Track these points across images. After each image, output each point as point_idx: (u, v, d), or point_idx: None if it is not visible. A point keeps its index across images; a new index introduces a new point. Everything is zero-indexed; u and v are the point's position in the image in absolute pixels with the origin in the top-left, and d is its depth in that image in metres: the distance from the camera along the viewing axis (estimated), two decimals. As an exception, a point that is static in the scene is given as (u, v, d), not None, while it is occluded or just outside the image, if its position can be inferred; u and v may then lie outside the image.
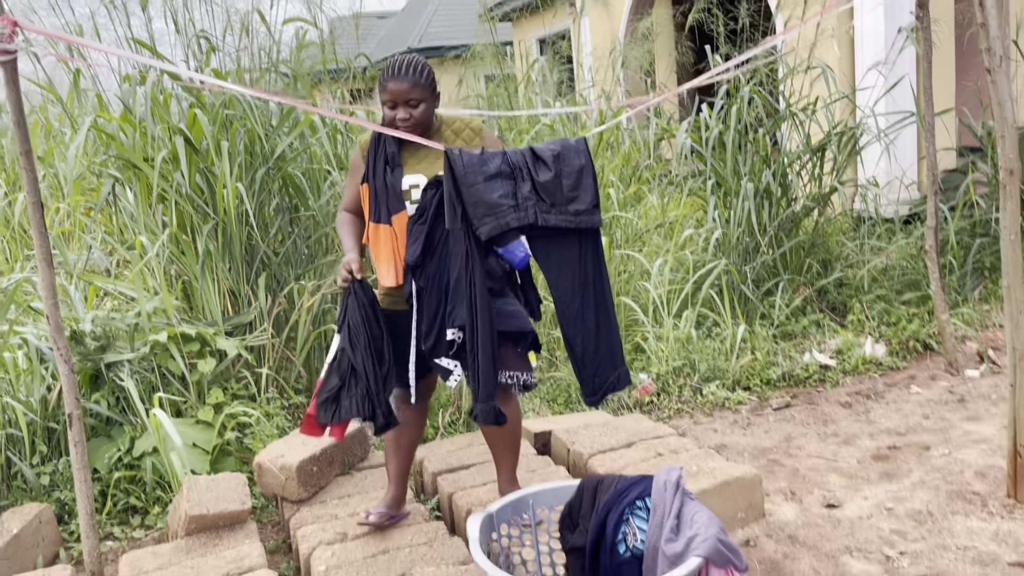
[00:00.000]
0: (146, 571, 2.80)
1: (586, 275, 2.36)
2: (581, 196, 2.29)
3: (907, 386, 4.40)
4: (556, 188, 2.28)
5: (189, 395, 3.67)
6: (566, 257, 2.35)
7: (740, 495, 3.05)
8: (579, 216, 2.30)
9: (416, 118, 2.62)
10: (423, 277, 2.55)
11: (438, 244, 2.53)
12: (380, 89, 2.65)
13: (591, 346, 2.40)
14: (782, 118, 5.43)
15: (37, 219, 2.83)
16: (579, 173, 2.30)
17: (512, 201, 2.26)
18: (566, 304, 2.37)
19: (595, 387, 2.43)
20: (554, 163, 2.29)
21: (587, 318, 2.38)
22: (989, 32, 2.78)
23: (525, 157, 2.29)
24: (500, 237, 2.28)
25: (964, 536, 2.87)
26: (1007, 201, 2.84)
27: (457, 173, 2.26)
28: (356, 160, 2.81)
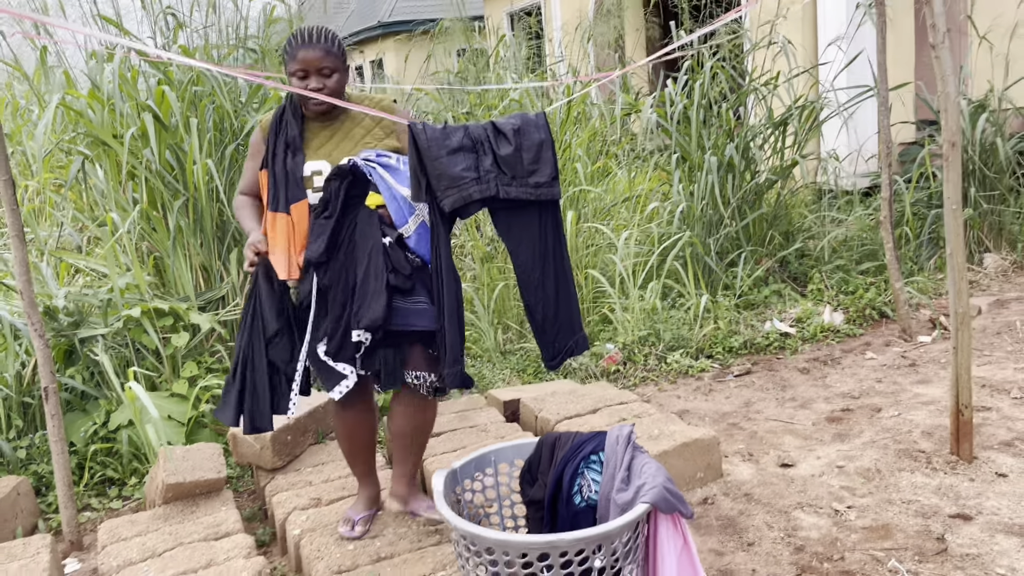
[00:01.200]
0: (124, 538, 2.88)
1: (546, 245, 2.43)
2: (541, 169, 2.35)
3: (862, 352, 4.57)
4: (517, 161, 2.34)
5: (164, 369, 3.74)
6: (527, 228, 2.41)
7: (699, 456, 3.19)
8: (539, 188, 2.36)
9: (329, 88, 2.47)
10: (327, 275, 2.45)
11: (343, 240, 2.45)
12: (288, 59, 2.48)
13: (551, 312, 2.46)
14: (745, 93, 5.55)
15: (8, 196, 2.87)
16: (539, 147, 2.36)
17: (475, 174, 2.31)
18: (527, 273, 2.44)
19: (555, 351, 2.50)
20: (515, 137, 2.34)
21: (547, 286, 2.45)
22: (934, 9, 2.90)
23: (487, 131, 2.34)
24: (463, 209, 2.33)
25: (909, 491, 3.03)
26: (950, 172, 2.97)
27: (421, 147, 2.29)
28: (256, 142, 2.62)
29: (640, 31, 9.49)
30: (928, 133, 6.20)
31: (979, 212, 5.74)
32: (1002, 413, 3.60)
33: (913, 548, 2.66)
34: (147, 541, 2.83)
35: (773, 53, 5.74)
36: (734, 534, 2.85)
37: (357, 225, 2.42)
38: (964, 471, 3.12)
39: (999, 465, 3.14)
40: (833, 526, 2.85)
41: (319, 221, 2.43)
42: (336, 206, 2.41)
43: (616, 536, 1.59)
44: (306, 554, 2.69)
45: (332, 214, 2.41)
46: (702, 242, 5.24)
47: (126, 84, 4.00)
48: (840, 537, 2.77)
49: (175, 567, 2.65)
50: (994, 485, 3.00)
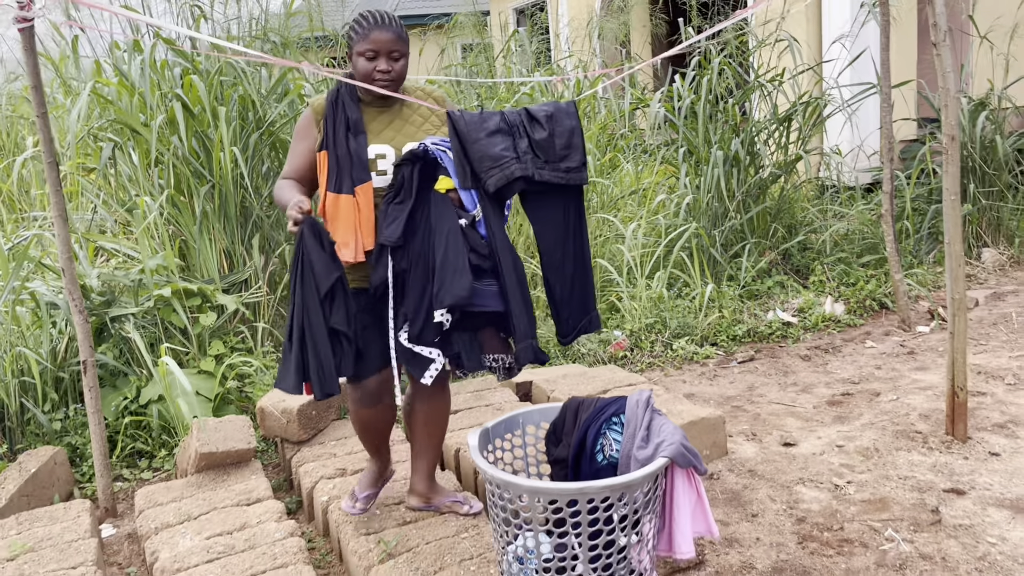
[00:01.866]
0: (160, 503, 3.03)
1: (568, 228, 2.53)
2: (572, 155, 2.45)
3: (862, 341, 4.72)
4: (550, 146, 2.42)
5: (191, 347, 3.89)
6: (553, 211, 2.50)
7: (705, 434, 3.34)
8: (569, 173, 2.45)
9: (396, 72, 2.46)
10: (406, 258, 2.42)
11: (419, 223, 2.43)
12: (358, 39, 2.44)
13: (567, 292, 2.56)
14: (751, 89, 5.69)
15: (53, 178, 3.02)
16: (570, 133, 2.45)
17: (513, 154, 2.39)
18: (549, 254, 2.54)
19: (569, 328, 2.59)
20: (547, 123, 2.43)
21: (566, 267, 2.55)
22: (935, 8, 3.04)
23: (521, 117, 2.44)
24: (507, 188, 2.39)
25: (906, 468, 3.18)
26: (949, 165, 3.12)
27: (460, 131, 2.37)
28: (307, 124, 2.56)
29: (647, 27, 9.63)
30: (929, 131, 6.34)
31: (978, 208, 5.89)
32: (996, 398, 3.75)
33: (909, 519, 2.81)
34: (182, 506, 2.98)
35: (779, 50, 5.88)
36: (739, 506, 3.01)
37: (432, 208, 2.40)
38: (959, 450, 3.27)
39: (992, 445, 3.29)
40: (833, 499, 3.00)
41: (393, 206, 2.40)
42: (411, 190, 2.39)
43: (638, 486, 1.74)
44: (334, 519, 2.85)
45: (407, 198, 2.39)
46: (707, 234, 5.39)
47: (157, 73, 4.14)
48: (840, 509, 2.92)
49: (211, 529, 2.80)
50: (987, 463, 3.15)
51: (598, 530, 1.75)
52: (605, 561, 1.80)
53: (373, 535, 2.68)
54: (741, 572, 2.59)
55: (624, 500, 1.74)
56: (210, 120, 4.15)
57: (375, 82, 2.43)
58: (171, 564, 2.61)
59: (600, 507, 1.72)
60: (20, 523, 2.97)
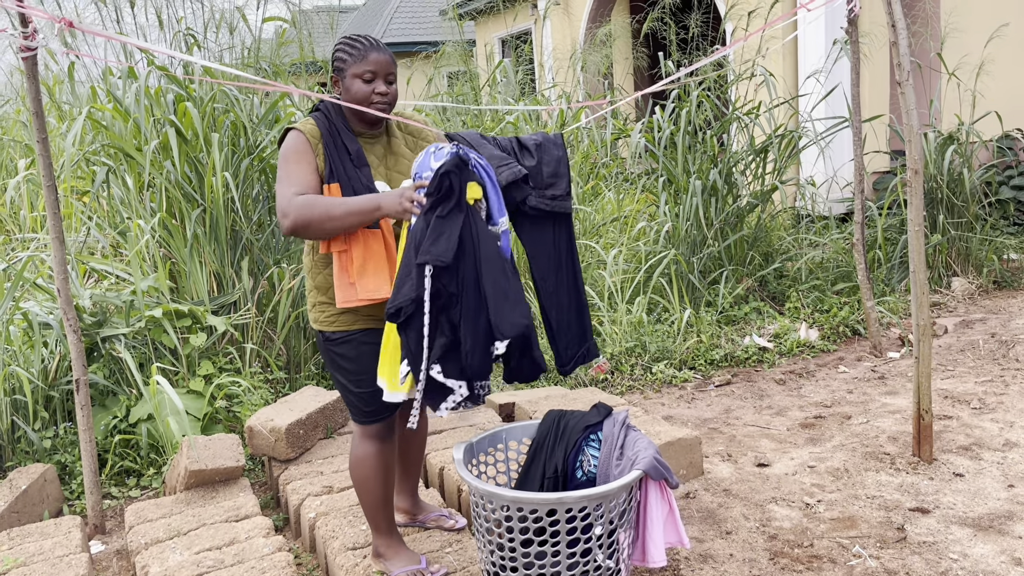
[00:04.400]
0: (150, 519, 3.10)
1: (559, 255, 2.59)
2: (558, 183, 2.54)
3: (835, 366, 4.86)
4: (538, 174, 2.51)
5: (181, 367, 3.96)
6: (542, 238, 2.56)
7: (682, 454, 3.45)
8: (555, 200, 2.53)
9: (392, 96, 2.39)
10: (455, 281, 2.15)
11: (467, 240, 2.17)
12: (353, 60, 2.36)
13: (564, 320, 2.60)
14: (728, 121, 5.87)
15: (51, 201, 3.11)
16: (557, 162, 2.55)
17: (512, 159, 2.47)
18: (543, 281, 2.58)
19: (567, 358, 2.63)
20: (536, 151, 2.53)
21: (560, 295, 2.59)
22: (899, 49, 3.21)
23: (512, 143, 2.54)
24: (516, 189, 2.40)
25: (874, 488, 3.30)
26: (913, 197, 3.28)
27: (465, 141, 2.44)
28: (304, 147, 2.35)
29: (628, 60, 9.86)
30: (901, 163, 6.55)
31: (947, 238, 6.08)
32: (962, 421, 3.89)
33: (876, 536, 2.93)
34: (172, 522, 3.05)
35: (756, 84, 6.08)
36: (713, 524, 3.11)
37: (475, 224, 2.20)
38: (924, 471, 3.40)
39: (957, 466, 3.42)
40: (804, 518, 3.11)
41: (437, 219, 2.13)
42: (461, 202, 2.16)
43: (614, 496, 1.85)
44: (321, 535, 2.92)
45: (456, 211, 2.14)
46: (686, 260, 5.53)
47: (151, 99, 4.25)
48: (810, 527, 3.03)
49: (200, 544, 2.87)
50: (951, 483, 3.28)
51: (575, 539, 1.85)
52: (582, 569, 1.90)
53: (359, 550, 2.76)
54: (714, 586, 2.70)
55: (601, 510, 1.85)
56: (203, 145, 4.26)
57: (372, 105, 2.36)
58: (161, 578, 2.68)
59: (577, 517, 1.82)
60: (12, 538, 3.02)
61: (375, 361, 2.39)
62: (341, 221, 2.19)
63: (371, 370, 2.41)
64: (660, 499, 1.99)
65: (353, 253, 2.30)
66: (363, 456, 2.54)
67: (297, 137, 2.38)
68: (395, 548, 2.62)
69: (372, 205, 2.18)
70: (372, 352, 2.40)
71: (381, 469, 2.55)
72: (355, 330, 2.41)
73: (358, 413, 2.51)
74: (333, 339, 2.44)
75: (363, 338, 2.42)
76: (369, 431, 2.53)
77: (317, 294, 2.46)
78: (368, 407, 2.48)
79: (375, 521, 2.61)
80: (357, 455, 2.56)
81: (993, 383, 4.34)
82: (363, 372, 2.43)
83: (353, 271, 2.30)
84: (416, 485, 2.93)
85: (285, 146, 2.38)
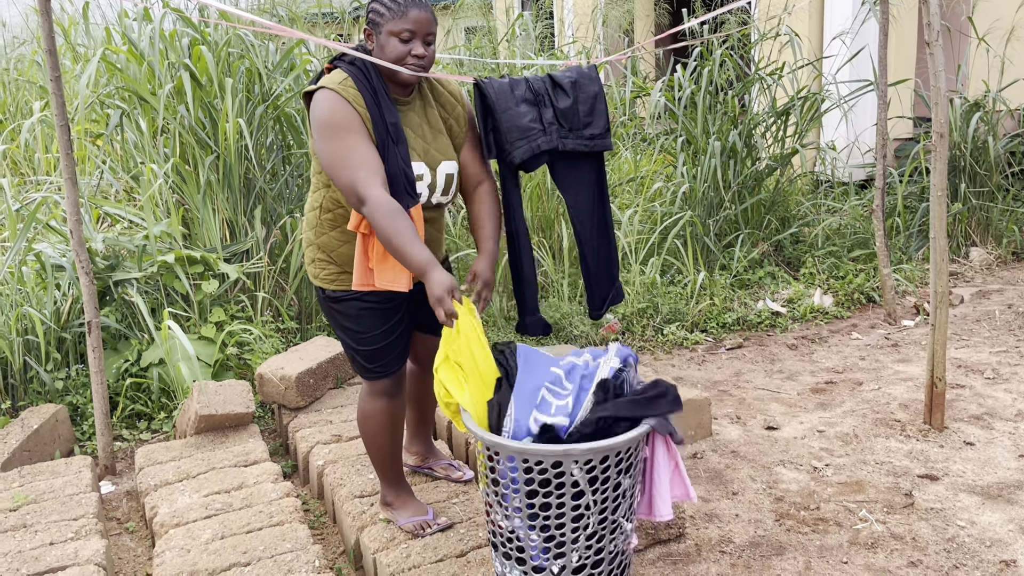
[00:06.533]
0: (160, 461, 3.13)
1: (594, 196, 2.51)
2: (595, 121, 2.41)
3: (849, 333, 4.82)
4: (574, 114, 2.37)
5: (192, 313, 3.97)
6: (580, 180, 2.47)
7: (691, 415, 3.44)
8: (593, 140, 2.42)
9: (430, 59, 2.21)
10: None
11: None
12: (391, 15, 2.17)
13: (601, 263, 2.56)
14: (751, 81, 5.76)
15: (64, 141, 3.09)
16: (594, 99, 2.41)
17: (540, 125, 2.34)
18: (582, 224, 2.51)
19: (599, 300, 2.63)
20: (572, 90, 2.38)
21: (595, 238, 2.53)
22: (930, 8, 3.12)
23: (545, 84, 2.39)
24: (530, 161, 2.35)
25: (883, 454, 3.29)
26: (937, 162, 3.21)
27: (490, 100, 2.30)
28: (352, 115, 2.14)
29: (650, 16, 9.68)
30: (924, 130, 6.43)
31: (968, 207, 5.99)
32: (975, 391, 3.86)
33: (883, 502, 2.92)
34: (181, 465, 3.07)
35: (780, 44, 5.95)
36: (720, 484, 3.11)
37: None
38: (935, 439, 3.38)
39: (967, 435, 3.40)
40: (811, 481, 3.10)
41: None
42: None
43: (620, 448, 1.84)
44: (328, 482, 2.94)
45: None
46: (702, 223, 5.47)
47: (165, 41, 4.20)
48: (817, 490, 3.03)
49: (209, 487, 2.90)
50: (961, 452, 3.26)
51: (580, 491, 1.84)
52: (585, 521, 1.90)
53: (366, 498, 2.78)
54: (719, 545, 2.70)
55: (606, 463, 1.84)
56: (217, 91, 4.21)
57: (408, 66, 2.18)
58: (170, 519, 2.70)
59: (583, 468, 1.82)
60: (23, 476, 3.06)
61: (377, 321, 2.37)
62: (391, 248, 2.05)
63: (373, 329, 2.38)
64: (667, 454, 1.98)
65: (376, 239, 2.20)
66: (371, 412, 2.53)
67: (340, 104, 2.15)
68: (403, 498, 2.63)
69: (421, 270, 2.02)
70: (373, 313, 2.36)
71: (389, 425, 2.53)
72: (355, 290, 2.32)
73: (363, 370, 2.48)
74: (333, 297, 2.39)
75: (365, 298, 2.36)
76: (377, 387, 2.50)
77: (317, 251, 2.39)
78: (371, 363, 2.45)
79: (383, 473, 2.62)
80: (365, 411, 2.54)
81: (1008, 354, 4.30)
82: (365, 331, 2.39)
83: (374, 257, 2.23)
84: (429, 431, 2.95)
85: (328, 109, 2.15)
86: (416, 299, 2.47)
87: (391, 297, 2.36)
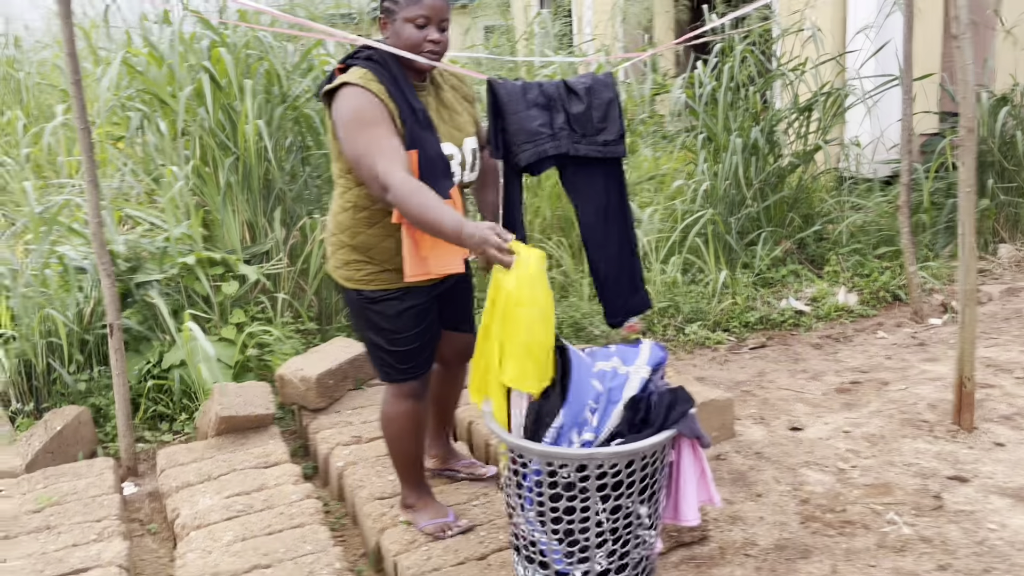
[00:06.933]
0: (182, 463, 3.13)
1: (609, 203, 2.48)
2: (609, 127, 2.41)
3: (874, 331, 4.75)
4: (587, 119, 2.37)
5: (213, 315, 3.98)
6: (592, 186, 2.46)
7: (714, 415, 3.40)
8: (607, 146, 2.41)
9: (445, 44, 2.23)
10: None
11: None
12: (406, 2, 2.20)
13: (613, 271, 2.52)
14: (772, 77, 5.70)
15: (85, 144, 3.10)
16: (608, 105, 2.41)
17: (549, 130, 2.34)
18: (591, 230, 2.50)
19: (615, 309, 2.58)
20: (586, 95, 2.38)
21: (610, 245, 2.50)
22: (957, 0, 3.06)
23: (559, 89, 2.37)
24: (536, 165, 2.36)
25: (911, 455, 3.23)
26: (965, 156, 3.15)
27: (501, 100, 2.31)
28: (378, 107, 2.16)
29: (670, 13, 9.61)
30: (951, 125, 6.32)
31: (996, 203, 5.89)
32: (1005, 390, 3.78)
33: (911, 504, 2.87)
34: (203, 467, 3.08)
35: (803, 39, 5.88)
36: (744, 486, 3.07)
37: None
38: (964, 440, 3.32)
39: (997, 435, 3.33)
40: (837, 483, 3.05)
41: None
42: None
43: (646, 453, 1.81)
44: (349, 483, 2.93)
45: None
46: (723, 221, 5.42)
47: (185, 44, 4.21)
48: (843, 492, 2.98)
49: (230, 489, 2.90)
50: (991, 453, 3.20)
51: (607, 495, 1.82)
52: (611, 526, 1.87)
53: (386, 499, 2.77)
54: (744, 548, 2.66)
55: (632, 467, 1.81)
56: (236, 93, 4.22)
57: (423, 53, 2.21)
58: (192, 521, 2.71)
59: (608, 473, 1.79)
60: (46, 478, 3.08)
61: (414, 319, 2.39)
62: (423, 225, 2.04)
63: (409, 328, 2.40)
64: (694, 459, 1.95)
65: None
66: (395, 415, 2.51)
67: (365, 97, 2.16)
68: (424, 500, 2.62)
69: (457, 231, 1.97)
70: (411, 311, 2.38)
71: (413, 428, 2.52)
72: (395, 289, 2.34)
73: (393, 371, 2.46)
74: (372, 298, 2.37)
75: (405, 297, 2.37)
76: (404, 389, 2.49)
77: (351, 252, 2.37)
78: (403, 364, 2.44)
79: (406, 475, 2.61)
80: (389, 414, 2.53)
81: (1039, 353, 4.22)
82: (401, 331, 2.40)
83: (426, 245, 2.22)
84: (450, 433, 2.95)
85: (355, 105, 2.16)
86: (446, 295, 2.50)
87: (428, 292, 2.39)
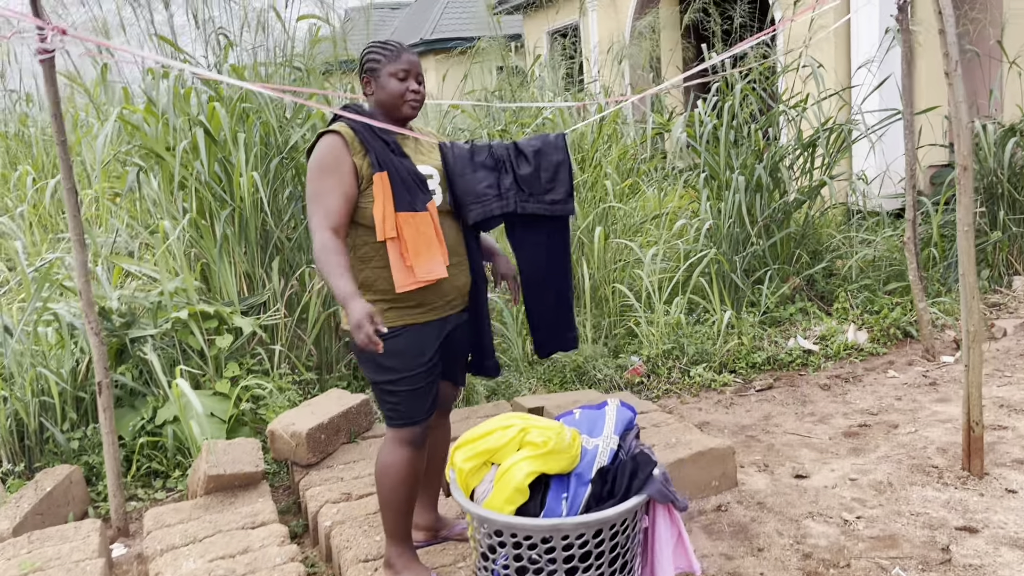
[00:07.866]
0: (168, 524, 3.08)
1: (553, 257, 2.65)
2: (557, 188, 2.56)
3: (884, 370, 4.63)
4: (535, 180, 2.54)
5: (207, 369, 3.95)
6: (538, 241, 2.63)
7: (714, 465, 3.30)
8: (554, 205, 2.57)
9: (423, 95, 2.51)
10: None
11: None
12: (387, 60, 2.45)
13: (547, 316, 2.73)
14: (774, 114, 5.65)
15: (72, 204, 3.10)
16: (556, 167, 2.56)
17: (496, 191, 2.51)
18: (530, 280, 2.69)
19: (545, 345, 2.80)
20: (534, 158, 2.54)
21: (547, 294, 2.69)
22: (947, 38, 3.01)
23: (508, 151, 2.54)
24: (484, 223, 2.53)
25: (919, 504, 3.11)
26: (962, 195, 3.07)
27: (449, 164, 2.50)
28: (339, 153, 2.37)
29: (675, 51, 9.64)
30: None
31: (1008, 235, 5.77)
32: (1018, 432, 3.65)
33: (918, 557, 2.75)
34: (189, 528, 3.02)
35: (804, 75, 5.84)
36: (745, 540, 2.96)
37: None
38: (974, 486, 3.19)
39: (1009, 482, 3.20)
40: (841, 535, 2.94)
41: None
42: None
43: (615, 522, 1.73)
44: (335, 544, 2.86)
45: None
46: (728, 259, 5.34)
47: (179, 101, 4.24)
48: (847, 545, 2.86)
49: (214, 552, 2.84)
50: (1003, 500, 3.07)
51: (574, 567, 1.74)
52: (586, 598, 1.79)
53: (371, 562, 2.69)
54: (741, 608, 2.55)
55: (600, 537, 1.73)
56: (231, 147, 4.24)
57: (406, 103, 2.47)
58: (173, 586, 2.64)
59: (575, 543, 1.71)
60: (31, 542, 3.03)
61: (417, 360, 2.43)
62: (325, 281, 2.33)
63: (412, 369, 2.42)
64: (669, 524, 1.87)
65: (405, 235, 2.35)
66: (392, 463, 2.49)
67: (332, 144, 2.39)
68: (406, 560, 2.54)
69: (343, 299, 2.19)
70: (417, 349, 2.43)
71: (410, 477, 2.49)
72: (399, 326, 2.41)
73: (395, 415, 2.46)
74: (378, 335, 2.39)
75: (408, 334, 2.42)
76: (403, 435, 2.48)
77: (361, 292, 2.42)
78: (405, 407, 2.45)
79: (393, 529, 2.54)
80: (386, 461, 2.49)
81: (1054, 391, 4.08)
82: (404, 370, 2.42)
83: (409, 254, 2.36)
84: (437, 496, 2.85)
85: (318, 153, 2.40)
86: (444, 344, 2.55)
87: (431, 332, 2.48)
